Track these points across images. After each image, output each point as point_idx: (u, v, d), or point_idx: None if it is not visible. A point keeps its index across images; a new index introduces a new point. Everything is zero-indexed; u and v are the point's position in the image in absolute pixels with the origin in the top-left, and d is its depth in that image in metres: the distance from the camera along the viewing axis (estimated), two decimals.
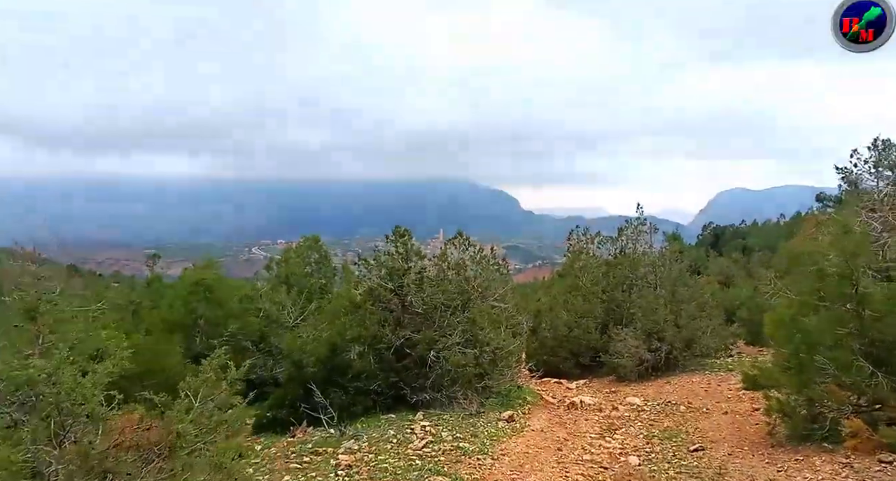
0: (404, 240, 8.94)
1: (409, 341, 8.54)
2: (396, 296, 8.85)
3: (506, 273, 10.08)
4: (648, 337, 12.03)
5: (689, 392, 9.84)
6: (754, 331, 15.63)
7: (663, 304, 12.05)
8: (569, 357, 14.06)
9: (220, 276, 8.72)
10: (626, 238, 15.29)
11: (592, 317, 13.99)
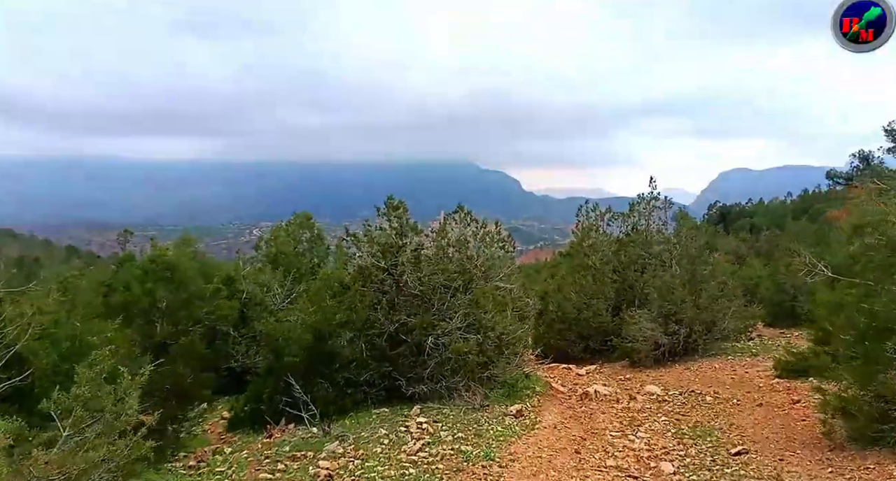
0: (398, 213, 7.95)
1: (404, 326, 7.62)
2: (390, 276, 7.89)
3: (511, 251, 9.09)
4: (665, 319, 11.11)
5: (714, 380, 8.94)
6: (773, 311, 14.74)
7: (681, 284, 11.09)
8: (578, 340, 13.17)
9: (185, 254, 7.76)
10: (638, 214, 14.30)
11: (603, 298, 13.06)
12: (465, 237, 8.96)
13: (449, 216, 9.17)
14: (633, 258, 13.40)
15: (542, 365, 11.67)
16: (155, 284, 6.15)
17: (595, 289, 13.19)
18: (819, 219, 27.37)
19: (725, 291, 11.15)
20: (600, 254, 13.82)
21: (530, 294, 10.21)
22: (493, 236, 8.98)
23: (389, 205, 7.77)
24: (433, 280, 7.91)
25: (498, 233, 9.21)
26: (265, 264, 12.90)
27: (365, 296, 7.78)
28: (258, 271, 10.77)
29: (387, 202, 7.79)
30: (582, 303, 13.19)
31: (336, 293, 7.64)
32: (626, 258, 13.56)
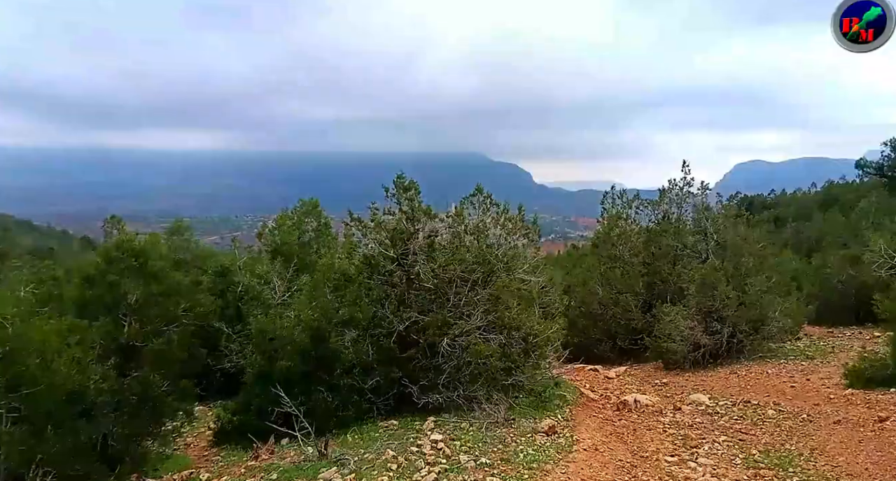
0: (410, 194, 6.89)
1: (415, 325, 6.59)
2: (400, 266, 6.85)
3: (536, 239, 8.01)
4: (705, 317, 9.99)
5: (770, 388, 7.82)
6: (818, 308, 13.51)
7: (723, 278, 9.94)
8: (604, 339, 12.11)
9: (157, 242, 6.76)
10: (669, 201, 13.12)
11: (633, 292, 11.97)
12: (484, 223, 7.89)
13: (466, 200, 8.10)
14: (665, 249, 12.25)
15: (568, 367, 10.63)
16: (120, 276, 5.18)
17: (624, 283, 12.10)
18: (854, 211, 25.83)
19: (774, 286, 9.98)
20: (629, 245, 12.70)
21: (557, 288, 9.13)
22: (516, 222, 7.89)
23: (399, 186, 6.71)
24: (449, 271, 6.86)
25: (521, 218, 8.12)
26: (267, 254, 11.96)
27: (371, 289, 6.76)
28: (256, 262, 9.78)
29: (396, 182, 6.73)
30: (609, 297, 12.12)
31: (338, 286, 6.62)
32: (658, 249, 12.42)
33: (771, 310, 9.58)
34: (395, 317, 6.54)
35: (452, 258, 7.01)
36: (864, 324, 12.06)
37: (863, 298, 12.37)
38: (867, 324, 11.97)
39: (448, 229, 7.48)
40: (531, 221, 8.36)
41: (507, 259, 7.81)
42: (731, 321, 9.68)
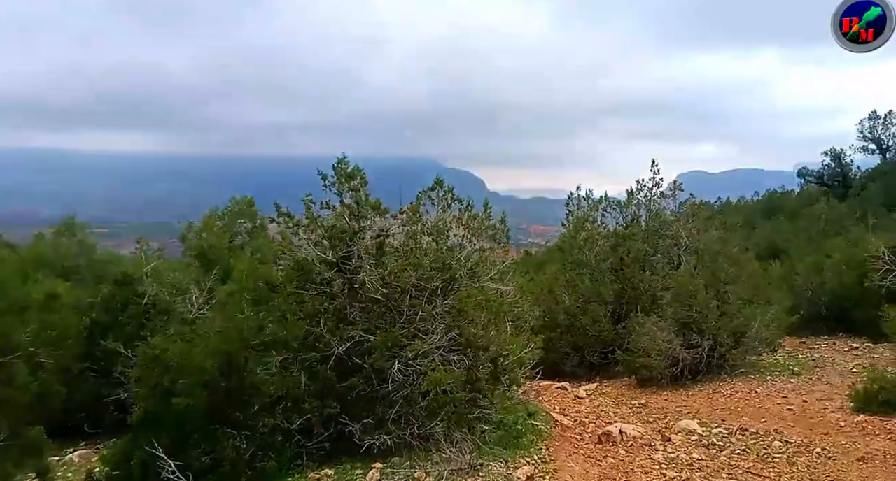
0: (354, 184, 5.58)
1: (359, 346, 5.27)
2: (341, 273, 5.53)
3: (505, 241, 6.85)
4: (682, 328, 9.10)
5: (764, 411, 6.92)
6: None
7: (702, 286, 9.08)
8: (571, 352, 11.07)
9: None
10: (638, 203, 12.31)
11: (602, 301, 11.01)
12: (444, 222, 6.66)
13: (423, 195, 6.84)
14: (635, 254, 11.38)
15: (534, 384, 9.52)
16: None
17: (592, 291, 11.13)
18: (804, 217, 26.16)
19: (758, 294, 9.20)
20: (597, 250, 11.77)
21: (527, 297, 7.98)
22: (482, 221, 6.70)
23: (341, 173, 5.39)
24: (402, 279, 5.59)
25: (487, 217, 6.94)
26: (192, 260, 10.33)
27: (303, 302, 5.40)
28: (172, 268, 8.19)
29: (337, 168, 5.40)
30: (577, 307, 11.12)
31: (259, 299, 5.22)
32: (628, 254, 11.53)
33: (753, 321, 8.76)
34: (333, 336, 5.19)
35: (407, 263, 5.75)
36: (836, 333, 11.54)
37: (833, 307, 11.92)
38: (839, 334, 11.46)
39: (401, 228, 6.21)
40: (498, 221, 7.19)
41: (472, 264, 6.60)
42: (711, 333, 8.81)
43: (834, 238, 18.03)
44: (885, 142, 31.96)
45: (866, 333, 10.67)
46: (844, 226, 20.33)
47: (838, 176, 33.57)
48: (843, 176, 33.07)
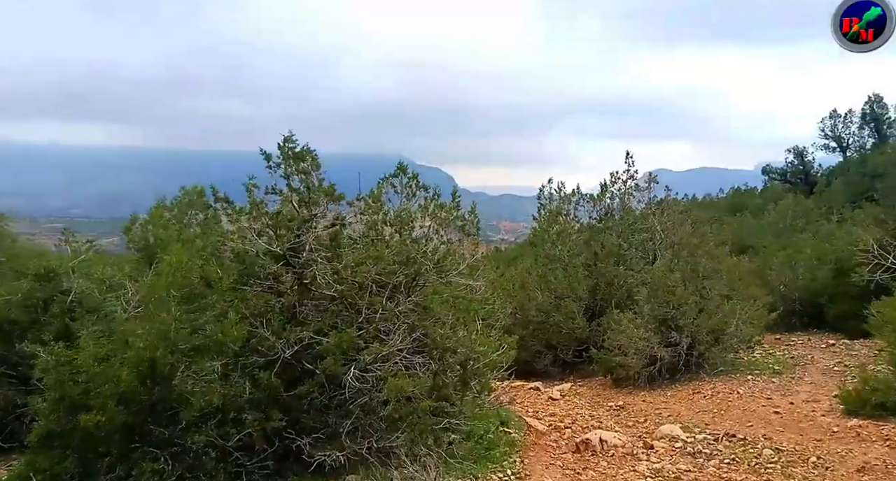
0: (304, 167, 4.91)
1: (309, 350, 4.61)
2: (289, 267, 4.85)
3: (475, 233, 6.26)
4: (660, 325, 8.70)
5: (749, 413, 6.53)
6: None
7: (681, 281, 8.70)
8: (545, 351, 10.60)
9: None
10: (612, 195, 11.92)
11: (576, 297, 10.56)
12: (409, 211, 6.04)
13: (385, 181, 6.20)
14: (610, 248, 10.97)
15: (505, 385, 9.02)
16: None
17: (566, 287, 10.67)
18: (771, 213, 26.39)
19: (737, 290, 8.87)
20: (570, 244, 11.32)
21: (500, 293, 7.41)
22: (450, 211, 6.11)
23: (287, 152, 4.70)
24: (360, 274, 4.95)
25: (456, 206, 6.35)
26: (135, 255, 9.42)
27: (245, 300, 4.70)
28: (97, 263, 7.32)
29: (283, 146, 4.71)
30: (550, 303, 10.65)
31: (191, 296, 4.51)
32: (602, 248, 11.12)
33: (732, 318, 8.41)
34: (279, 338, 4.52)
35: (366, 256, 5.11)
36: (809, 330, 11.38)
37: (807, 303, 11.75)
38: (813, 331, 11.29)
39: (360, 217, 5.57)
40: (468, 211, 6.60)
41: (439, 257, 6.00)
42: (690, 330, 8.43)
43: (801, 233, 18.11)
44: (845, 140, 32.69)
45: (841, 330, 10.51)
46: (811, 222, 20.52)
47: (801, 173, 34.24)
48: (806, 173, 33.73)
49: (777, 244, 15.73)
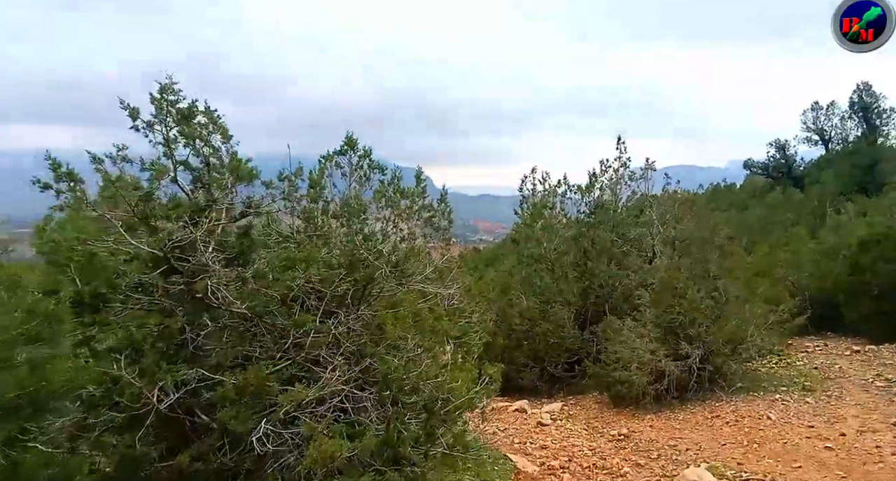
0: (198, 132, 3.43)
1: (197, 396, 3.15)
2: (177, 275, 3.37)
3: (447, 227, 4.84)
4: (667, 334, 7.42)
5: (791, 448, 5.24)
6: None
7: (691, 282, 7.43)
8: (530, 363, 9.24)
9: None
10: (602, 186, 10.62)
11: (565, 302, 9.24)
12: (361, 200, 4.61)
13: (329, 160, 4.75)
14: (602, 245, 9.67)
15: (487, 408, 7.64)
16: None
17: (554, 290, 9.34)
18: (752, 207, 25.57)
19: (756, 291, 7.62)
20: (557, 241, 10.00)
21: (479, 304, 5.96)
22: (415, 197, 4.70)
23: (164, 107, 3.22)
24: (287, 281, 3.50)
25: (422, 194, 4.93)
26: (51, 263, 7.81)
27: (108, 325, 3.21)
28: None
29: (160, 101, 3.23)
30: (536, 309, 9.30)
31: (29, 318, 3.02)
32: (592, 245, 9.82)
33: (753, 325, 7.16)
34: (150, 381, 3.05)
35: (293, 258, 3.66)
36: (822, 333, 10.24)
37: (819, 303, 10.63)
38: (827, 334, 10.16)
39: (286, 205, 4.11)
40: (438, 200, 5.21)
41: (399, 258, 4.58)
42: (703, 340, 7.16)
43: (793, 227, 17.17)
44: (827, 132, 32.14)
45: (861, 333, 9.40)
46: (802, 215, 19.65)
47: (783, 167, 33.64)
48: (788, 167, 33.13)
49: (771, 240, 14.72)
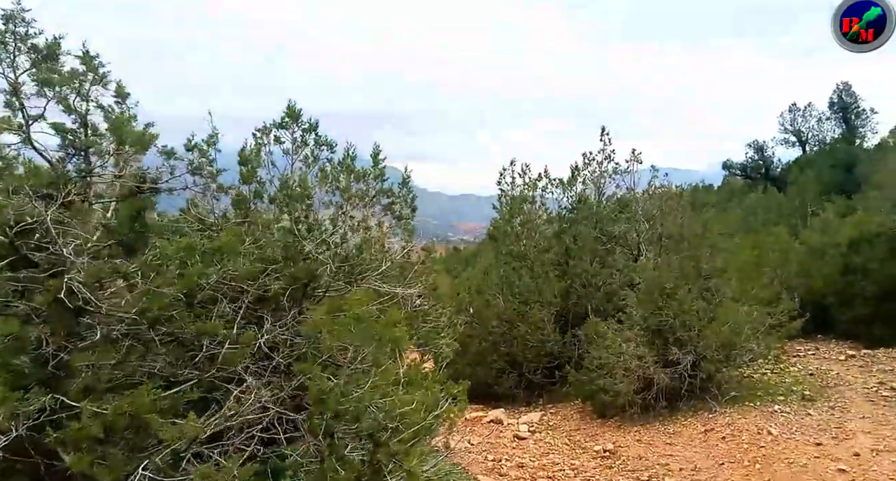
0: (76, 85, 2.60)
1: (64, 430, 2.32)
2: (34, 268, 2.54)
3: (409, 216, 4.04)
4: (654, 338, 6.76)
5: (798, 469, 4.61)
6: None
7: (680, 281, 6.78)
8: (508, 368, 8.52)
9: None
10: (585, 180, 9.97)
11: (545, 303, 8.53)
12: (304, 180, 3.83)
13: (264, 133, 3.94)
14: (585, 242, 9.00)
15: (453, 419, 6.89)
16: None
17: (533, 290, 8.64)
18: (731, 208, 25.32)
19: (750, 292, 7.01)
20: (537, 238, 9.31)
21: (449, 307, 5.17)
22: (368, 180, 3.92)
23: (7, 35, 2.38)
24: (192, 279, 2.70)
25: (380, 176, 4.15)
26: None
27: None
28: None
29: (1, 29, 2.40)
30: (513, 310, 8.58)
31: None
32: (575, 242, 9.15)
33: (748, 328, 6.54)
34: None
35: (211, 247, 2.87)
36: (812, 336, 9.71)
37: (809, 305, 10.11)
38: (817, 337, 9.65)
39: (202, 184, 3.30)
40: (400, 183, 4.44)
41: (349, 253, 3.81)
42: (694, 345, 6.51)
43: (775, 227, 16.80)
44: (804, 134, 32.17)
45: (854, 336, 8.90)
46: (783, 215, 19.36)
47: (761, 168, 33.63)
48: (766, 168, 33.12)
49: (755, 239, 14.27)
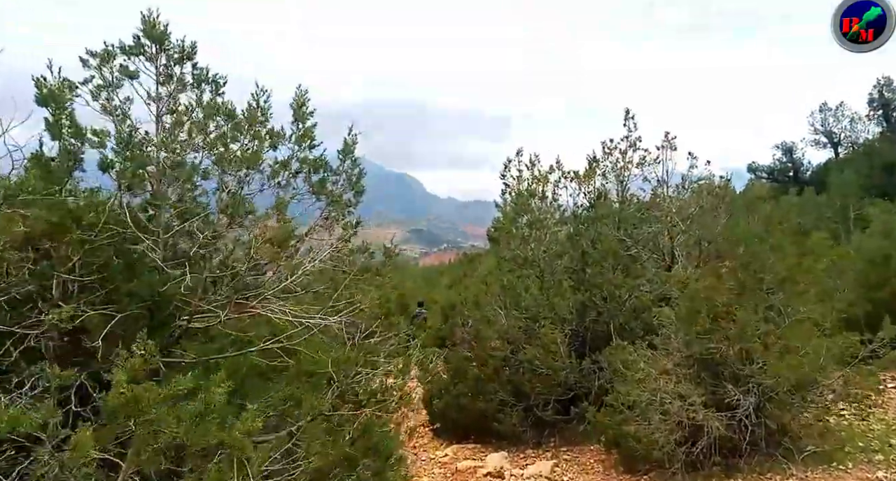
0: None
1: None
2: None
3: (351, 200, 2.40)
4: (702, 372, 5.12)
5: None
6: None
7: (742, 297, 5.13)
8: (511, 401, 6.89)
9: None
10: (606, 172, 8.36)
11: (558, 320, 6.92)
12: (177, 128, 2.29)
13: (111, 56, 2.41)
14: (607, 246, 7.38)
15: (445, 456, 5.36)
16: None
17: (542, 304, 7.03)
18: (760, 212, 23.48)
19: (830, 312, 5.34)
20: (547, 241, 7.72)
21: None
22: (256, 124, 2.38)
23: None
24: None
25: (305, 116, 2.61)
26: None
27: None
28: None
29: None
30: (519, 329, 6.98)
31: None
32: (593, 247, 7.53)
33: (831, 361, 4.88)
34: None
35: None
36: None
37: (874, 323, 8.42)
38: None
39: None
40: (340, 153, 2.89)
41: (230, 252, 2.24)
42: (758, 382, 4.87)
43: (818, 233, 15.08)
44: (836, 135, 30.25)
45: None
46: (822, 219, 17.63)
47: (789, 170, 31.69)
48: (795, 170, 31.19)
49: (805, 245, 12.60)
